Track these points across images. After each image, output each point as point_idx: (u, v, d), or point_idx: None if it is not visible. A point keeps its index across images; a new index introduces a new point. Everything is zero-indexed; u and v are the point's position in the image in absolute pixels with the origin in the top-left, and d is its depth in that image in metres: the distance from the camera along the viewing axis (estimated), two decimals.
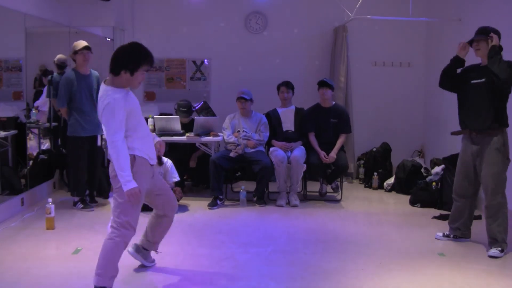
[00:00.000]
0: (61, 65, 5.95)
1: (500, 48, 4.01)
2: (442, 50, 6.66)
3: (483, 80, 4.10)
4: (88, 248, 4.17)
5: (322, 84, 5.86)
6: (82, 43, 5.26)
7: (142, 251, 3.74)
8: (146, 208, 5.28)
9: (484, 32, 4.11)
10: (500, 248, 4.09)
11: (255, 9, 7.23)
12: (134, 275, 3.64)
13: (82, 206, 5.34)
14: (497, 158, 4.10)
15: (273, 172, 5.65)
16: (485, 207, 4.21)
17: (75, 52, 5.23)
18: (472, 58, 4.34)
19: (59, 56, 6.00)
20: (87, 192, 5.60)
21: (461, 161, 4.37)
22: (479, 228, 4.55)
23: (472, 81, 4.20)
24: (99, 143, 5.58)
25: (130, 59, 3.21)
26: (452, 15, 6.13)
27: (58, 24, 6.34)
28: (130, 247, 3.61)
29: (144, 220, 3.70)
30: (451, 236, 4.46)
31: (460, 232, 4.43)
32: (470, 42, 4.21)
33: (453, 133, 4.52)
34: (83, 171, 5.40)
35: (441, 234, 4.53)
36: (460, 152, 4.41)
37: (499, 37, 4.11)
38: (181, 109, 6.18)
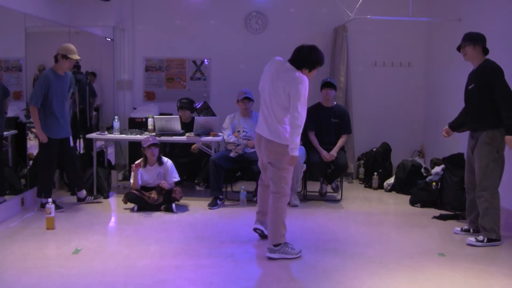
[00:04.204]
0: (78, 65, 6.04)
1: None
2: (442, 50, 6.67)
3: (473, 85, 4.40)
4: (88, 248, 4.17)
5: (327, 84, 5.86)
6: (76, 54, 5.20)
7: (264, 223, 4.34)
8: (151, 208, 5.31)
9: (468, 38, 4.36)
10: (481, 238, 4.29)
11: (255, 9, 7.23)
12: (134, 275, 3.64)
13: (54, 206, 4.92)
14: (483, 151, 4.29)
15: None
16: (475, 197, 4.42)
17: (65, 57, 5.15)
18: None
19: None
20: (83, 194, 5.59)
21: (466, 157, 4.65)
22: None
23: (469, 87, 4.48)
24: (71, 143, 5.53)
25: (314, 59, 3.92)
26: (452, 15, 6.13)
27: (58, 24, 6.34)
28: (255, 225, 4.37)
29: None
30: (471, 230, 4.58)
31: (475, 225, 4.54)
32: (458, 48, 4.46)
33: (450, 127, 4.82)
34: (53, 173, 5.41)
35: (459, 229, 4.66)
36: (466, 149, 4.65)
37: (484, 41, 4.31)
38: (183, 101, 6.32)
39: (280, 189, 4.01)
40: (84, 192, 5.61)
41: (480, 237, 4.30)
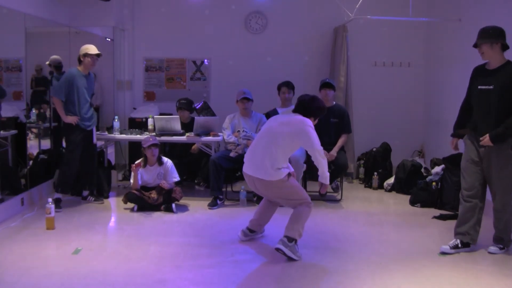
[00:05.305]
0: (59, 66, 6.01)
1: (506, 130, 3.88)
2: (442, 50, 6.67)
3: (491, 87, 3.96)
4: (88, 248, 4.17)
5: (325, 85, 5.86)
6: (96, 49, 5.33)
7: (250, 234, 4.43)
8: (151, 208, 5.31)
9: (484, 37, 3.94)
10: (501, 246, 4.14)
11: (255, 9, 7.23)
12: (134, 275, 3.64)
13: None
14: (506, 160, 3.98)
15: None
16: (493, 209, 4.12)
17: (86, 55, 5.28)
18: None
19: (54, 57, 6.02)
20: (87, 192, 5.60)
21: (468, 161, 4.17)
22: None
23: (479, 87, 4.05)
24: (95, 140, 5.60)
25: (320, 111, 4.29)
26: (452, 15, 6.13)
27: (58, 24, 6.34)
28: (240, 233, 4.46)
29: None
30: (460, 245, 4.14)
31: (469, 237, 4.14)
32: (475, 45, 4.05)
33: (454, 135, 4.34)
34: (75, 168, 5.39)
35: (447, 247, 4.14)
36: (464, 152, 4.24)
37: (503, 37, 3.94)
38: (181, 101, 6.31)
39: (301, 201, 4.10)
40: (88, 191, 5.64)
41: (501, 246, 4.13)
